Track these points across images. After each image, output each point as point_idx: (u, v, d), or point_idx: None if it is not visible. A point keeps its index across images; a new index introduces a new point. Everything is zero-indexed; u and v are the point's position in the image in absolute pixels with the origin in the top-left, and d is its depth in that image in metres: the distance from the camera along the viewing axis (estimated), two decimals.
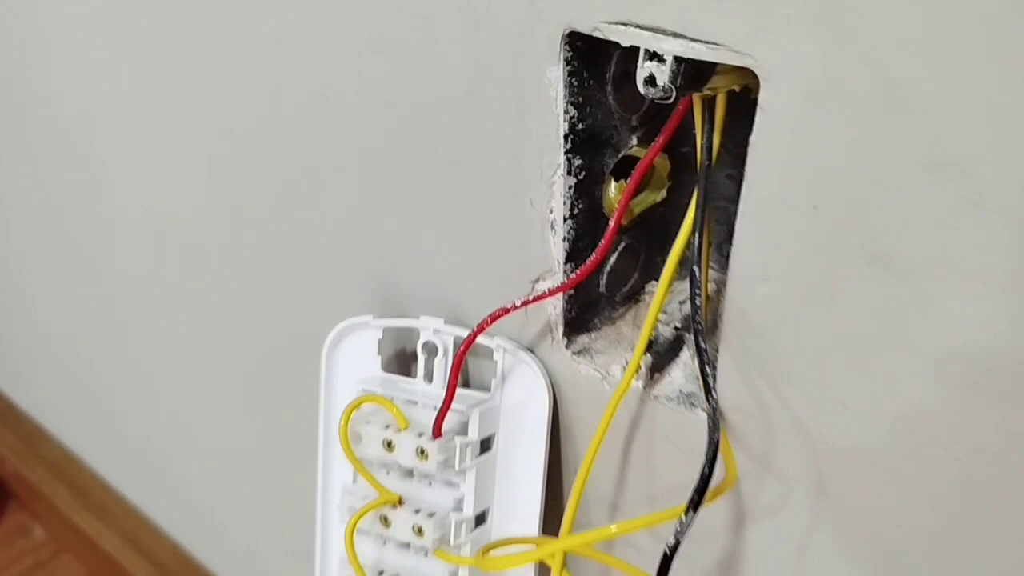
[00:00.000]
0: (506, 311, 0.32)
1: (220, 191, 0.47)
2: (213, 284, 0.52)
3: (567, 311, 0.34)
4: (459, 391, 0.36)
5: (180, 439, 0.67)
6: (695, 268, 0.27)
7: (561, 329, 0.34)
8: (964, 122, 0.21)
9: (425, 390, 0.37)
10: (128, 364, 0.67)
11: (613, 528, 0.30)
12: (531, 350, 0.35)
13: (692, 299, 0.27)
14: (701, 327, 0.26)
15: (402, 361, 0.40)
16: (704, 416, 0.30)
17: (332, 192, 0.39)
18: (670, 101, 0.26)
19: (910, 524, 0.28)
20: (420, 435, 0.35)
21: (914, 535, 0.28)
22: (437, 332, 0.36)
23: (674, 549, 0.26)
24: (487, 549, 0.34)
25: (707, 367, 0.26)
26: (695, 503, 0.25)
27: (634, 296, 0.36)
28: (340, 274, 0.42)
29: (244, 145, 0.43)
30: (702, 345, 0.26)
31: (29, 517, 0.91)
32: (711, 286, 0.33)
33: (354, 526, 0.35)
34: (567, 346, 0.34)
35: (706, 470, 0.26)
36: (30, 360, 0.84)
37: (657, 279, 0.36)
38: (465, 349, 0.33)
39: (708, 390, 0.26)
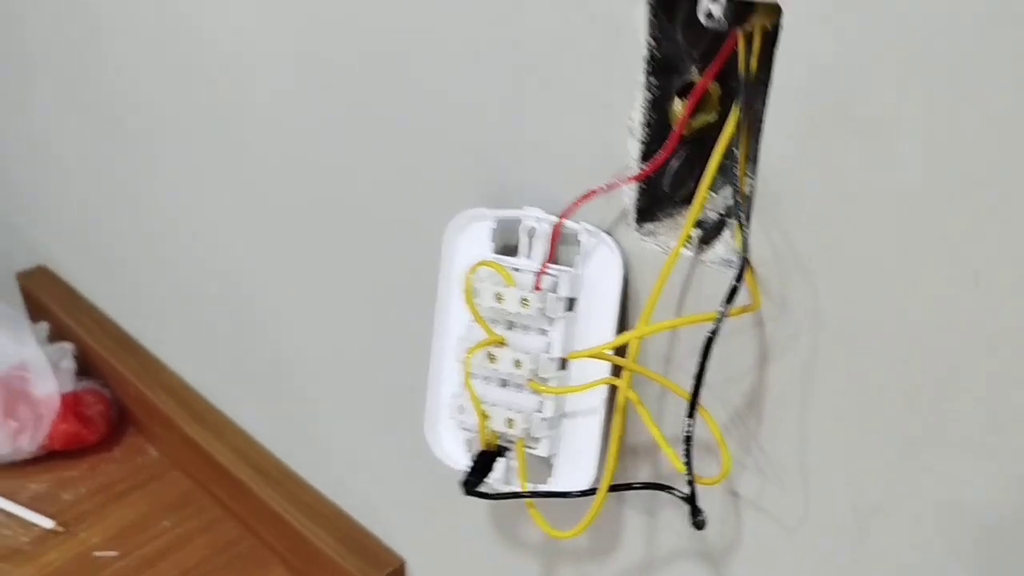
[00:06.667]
0: (594, 192, 0.44)
1: (341, 97, 0.58)
2: (333, 191, 0.63)
3: (639, 201, 0.45)
4: (552, 266, 0.47)
5: (297, 359, 0.79)
6: (735, 149, 0.38)
7: (633, 215, 0.45)
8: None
9: (527, 263, 0.48)
10: (248, 292, 0.80)
11: (676, 320, 0.41)
12: (609, 233, 0.46)
13: (731, 168, 0.38)
14: (737, 178, 0.37)
15: (506, 253, 0.52)
16: None
17: (455, 100, 0.51)
18: (723, 30, 0.37)
19: (893, 338, 0.38)
20: (522, 290, 0.46)
21: (896, 350, 0.38)
22: (538, 220, 0.48)
23: (714, 333, 0.36)
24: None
25: (741, 206, 0.37)
26: (731, 296, 0.36)
27: (690, 200, 0.47)
28: (457, 176, 0.53)
29: (365, 48, 0.54)
30: (737, 186, 0.37)
31: (146, 441, 1.04)
32: (747, 189, 0.44)
33: (472, 354, 0.46)
34: (637, 229, 0.46)
35: (738, 272, 0.36)
36: (154, 300, 0.97)
37: (711, 190, 0.47)
38: (564, 218, 0.44)
39: (742, 225, 0.37)
